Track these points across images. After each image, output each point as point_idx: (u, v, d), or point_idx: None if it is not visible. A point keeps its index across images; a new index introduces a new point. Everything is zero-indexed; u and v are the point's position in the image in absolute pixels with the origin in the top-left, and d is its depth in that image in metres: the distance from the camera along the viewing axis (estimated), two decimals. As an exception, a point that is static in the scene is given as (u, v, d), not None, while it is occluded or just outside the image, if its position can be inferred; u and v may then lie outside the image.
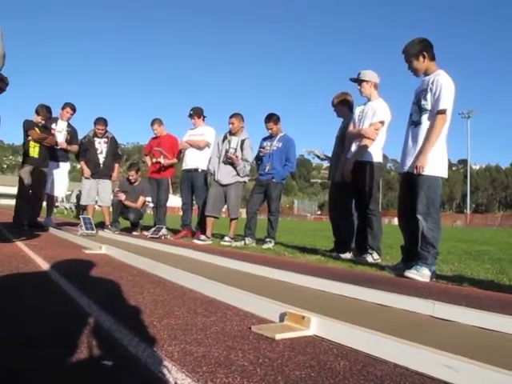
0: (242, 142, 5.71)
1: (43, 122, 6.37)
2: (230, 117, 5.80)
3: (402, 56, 3.39)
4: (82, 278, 2.53)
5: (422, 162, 3.14)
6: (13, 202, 6.67)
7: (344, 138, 4.49)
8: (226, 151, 5.66)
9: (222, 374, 1.09)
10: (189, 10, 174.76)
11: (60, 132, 6.74)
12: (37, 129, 6.26)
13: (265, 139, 5.70)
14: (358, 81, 4.26)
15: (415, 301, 1.99)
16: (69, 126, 6.89)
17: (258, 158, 5.72)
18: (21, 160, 6.71)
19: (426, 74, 3.31)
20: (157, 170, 6.76)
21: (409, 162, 3.30)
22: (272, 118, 5.57)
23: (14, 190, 6.53)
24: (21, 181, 6.32)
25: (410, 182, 3.30)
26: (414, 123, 3.30)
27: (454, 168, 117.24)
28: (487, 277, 3.36)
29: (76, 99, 7.23)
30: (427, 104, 3.21)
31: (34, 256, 3.33)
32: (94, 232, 5.86)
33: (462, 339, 1.58)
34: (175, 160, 6.84)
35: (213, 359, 1.19)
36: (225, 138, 5.84)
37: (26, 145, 6.29)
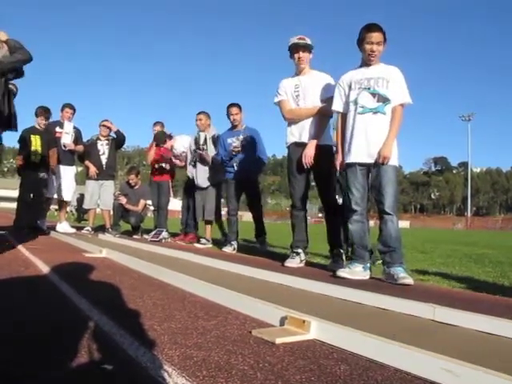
0: (213, 137, 5.63)
1: (46, 122, 6.37)
2: (198, 114, 5.79)
3: (375, 34, 2.99)
4: (83, 282, 2.53)
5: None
6: (14, 205, 6.65)
7: None
8: (195, 150, 5.61)
9: (222, 378, 1.09)
10: (189, 10, 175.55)
11: (68, 133, 6.72)
12: (36, 136, 6.24)
13: (228, 136, 5.31)
14: (309, 46, 3.62)
15: (416, 305, 1.99)
16: (73, 126, 6.92)
17: (230, 158, 5.23)
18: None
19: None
20: (159, 172, 6.76)
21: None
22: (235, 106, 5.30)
23: (15, 193, 6.51)
24: (21, 184, 6.32)
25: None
26: (372, 111, 3.04)
27: (454, 171, 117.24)
28: (488, 280, 3.35)
29: (75, 101, 7.25)
30: (389, 93, 3.03)
31: (35, 259, 3.34)
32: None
33: (462, 343, 1.58)
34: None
35: (213, 363, 1.19)
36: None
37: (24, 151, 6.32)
